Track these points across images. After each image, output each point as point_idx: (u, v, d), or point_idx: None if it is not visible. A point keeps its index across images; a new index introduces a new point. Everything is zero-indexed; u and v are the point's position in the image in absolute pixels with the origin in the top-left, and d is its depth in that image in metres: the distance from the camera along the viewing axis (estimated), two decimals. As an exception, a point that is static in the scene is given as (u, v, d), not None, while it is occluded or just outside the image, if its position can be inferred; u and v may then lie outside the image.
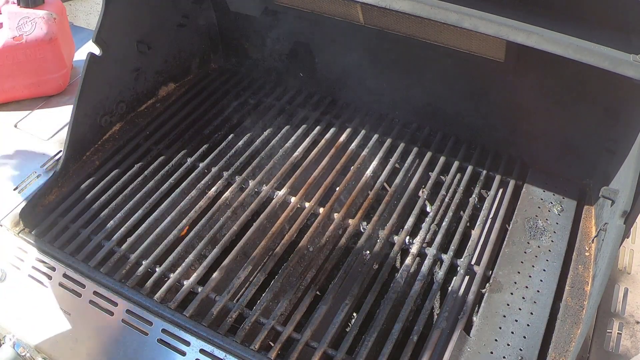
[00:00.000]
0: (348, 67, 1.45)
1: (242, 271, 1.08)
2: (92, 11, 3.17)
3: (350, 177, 1.27)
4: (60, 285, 1.04)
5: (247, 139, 1.37)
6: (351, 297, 1.04)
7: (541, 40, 0.89)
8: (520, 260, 1.10)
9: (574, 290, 1.05)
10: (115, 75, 1.34)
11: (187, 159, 1.31)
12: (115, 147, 1.33)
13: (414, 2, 0.95)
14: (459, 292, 1.07)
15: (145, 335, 0.97)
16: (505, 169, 1.30)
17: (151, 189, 1.23)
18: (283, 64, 1.55)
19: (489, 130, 1.35)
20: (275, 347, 0.96)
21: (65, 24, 1.57)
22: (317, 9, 1.28)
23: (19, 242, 1.11)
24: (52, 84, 1.52)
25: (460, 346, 0.96)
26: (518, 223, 1.17)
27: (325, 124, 1.42)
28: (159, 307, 0.99)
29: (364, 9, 1.19)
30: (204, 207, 1.20)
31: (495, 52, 1.14)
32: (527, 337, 0.97)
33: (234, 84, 1.56)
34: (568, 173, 1.28)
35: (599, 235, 1.08)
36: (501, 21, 0.91)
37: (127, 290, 1.02)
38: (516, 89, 1.25)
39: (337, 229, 1.18)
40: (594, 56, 0.87)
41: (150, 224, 1.16)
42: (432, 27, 1.15)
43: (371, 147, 1.35)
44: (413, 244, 1.14)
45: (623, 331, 0.99)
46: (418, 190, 1.31)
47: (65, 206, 1.19)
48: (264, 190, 1.24)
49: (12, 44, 1.42)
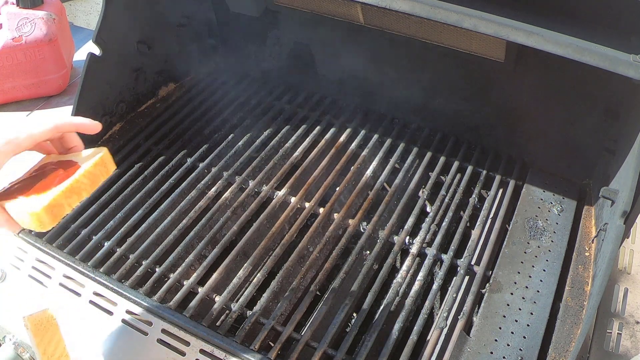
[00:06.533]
0: (348, 67, 1.45)
1: (242, 271, 1.08)
2: (92, 11, 3.18)
3: (350, 177, 1.28)
4: (60, 285, 1.04)
5: (247, 139, 1.37)
6: (351, 297, 1.04)
7: (541, 40, 0.89)
8: (520, 260, 1.10)
9: (574, 290, 1.05)
10: (115, 75, 1.34)
11: (187, 159, 1.31)
12: (115, 147, 1.33)
13: (414, 2, 0.95)
14: (459, 292, 1.07)
15: (145, 335, 0.97)
16: (505, 169, 1.30)
17: (151, 189, 1.23)
18: (283, 64, 1.55)
19: (489, 130, 1.35)
20: (275, 347, 0.96)
21: (65, 24, 1.57)
22: (317, 9, 1.28)
23: (19, 242, 1.11)
24: (52, 85, 1.53)
25: (460, 346, 0.96)
26: (518, 223, 1.17)
27: (325, 124, 1.42)
28: (158, 307, 0.99)
29: (364, 9, 1.20)
30: (203, 207, 1.20)
31: (495, 52, 1.14)
32: (527, 337, 0.97)
33: (234, 84, 1.56)
34: (568, 173, 1.28)
35: (599, 235, 1.08)
36: (501, 21, 0.91)
37: (127, 290, 1.02)
38: (516, 89, 1.25)
39: (337, 229, 1.18)
40: (594, 56, 0.87)
41: (150, 224, 1.16)
42: (432, 27, 1.15)
43: (371, 147, 1.35)
44: (413, 244, 1.14)
45: (623, 331, 0.99)
46: (418, 190, 1.31)
47: (65, 206, 1.19)
48: (264, 191, 1.24)
49: (11, 44, 1.42)
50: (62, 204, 0.69)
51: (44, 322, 0.82)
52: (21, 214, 0.68)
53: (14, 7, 1.45)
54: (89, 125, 0.77)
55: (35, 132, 0.71)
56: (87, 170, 0.72)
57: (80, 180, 0.71)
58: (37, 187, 0.70)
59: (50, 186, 0.70)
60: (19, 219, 0.69)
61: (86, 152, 0.77)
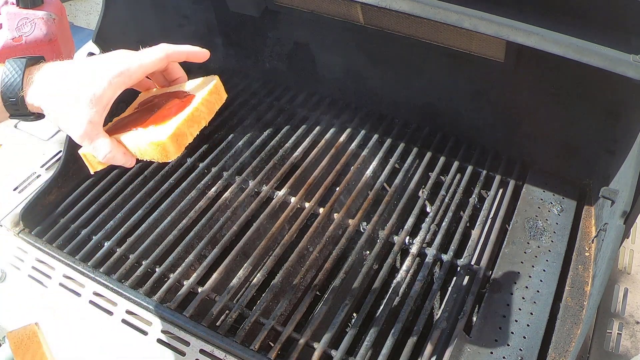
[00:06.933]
0: (348, 67, 1.45)
1: (242, 271, 1.08)
2: (92, 11, 3.17)
3: (350, 177, 1.27)
4: (60, 285, 1.04)
5: (247, 139, 1.37)
6: (351, 297, 1.04)
7: (541, 40, 0.89)
8: (520, 260, 1.10)
9: (574, 290, 1.05)
10: (115, 76, 1.34)
11: (187, 159, 1.31)
12: (115, 147, 1.33)
13: (414, 2, 0.95)
14: (459, 292, 1.07)
15: (145, 335, 0.97)
16: (505, 169, 1.30)
17: (151, 189, 1.23)
18: (283, 64, 1.55)
19: (489, 130, 1.35)
20: (275, 347, 0.96)
21: (65, 24, 1.57)
22: (317, 9, 1.28)
23: (19, 242, 1.11)
24: (52, 84, 1.52)
25: (460, 346, 0.96)
26: (518, 223, 1.17)
27: (325, 124, 1.42)
28: (158, 307, 0.99)
29: (364, 9, 1.19)
30: (203, 207, 1.20)
31: (495, 52, 1.14)
32: (527, 337, 0.97)
33: (234, 84, 1.56)
34: (568, 173, 1.28)
35: (599, 236, 1.08)
36: (501, 21, 0.91)
37: (127, 290, 1.02)
38: (516, 89, 1.25)
39: (337, 229, 1.18)
40: (594, 56, 0.87)
41: (150, 224, 1.16)
42: (432, 27, 1.15)
43: (371, 147, 1.35)
44: (413, 244, 1.14)
45: (623, 331, 0.99)
46: (418, 190, 1.31)
47: (65, 206, 1.19)
48: (264, 191, 1.24)
49: (11, 44, 1.42)
50: (185, 133, 0.67)
51: (25, 339, 0.81)
52: (142, 146, 0.66)
53: (14, 7, 1.45)
54: (199, 52, 0.75)
55: (147, 62, 0.69)
56: (204, 98, 0.70)
57: (199, 108, 0.69)
58: (155, 118, 0.69)
59: (170, 116, 0.68)
60: (140, 151, 0.67)
61: (193, 82, 0.75)
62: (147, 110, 0.71)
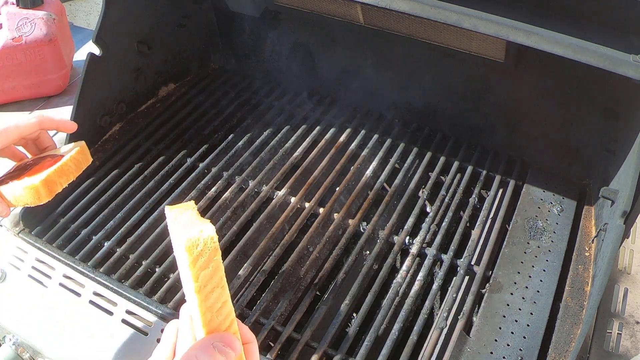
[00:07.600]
0: (348, 67, 1.45)
1: (242, 271, 1.08)
2: (92, 11, 3.18)
3: (350, 177, 1.28)
4: (60, 285, 1.04)
5: (247, 139, 1.37)
6: (351, 297, 1.04)
7: (541, 40, 0.89)
8: (520, 260, 1.10)
9: (574, 290, 1.05)
10: (115, 75, 1.34)
11: (187, 159, 1.31)
12: (115, 148, 1.33)
13: (414, 2, 0.95)
14: (459, 292, 1.07)
15: (145, 335, 0.97)
16: (505, 169, 1.30)
17: (151, 189, 1.23)
18: (283, 64, 1.55)
19: (489, 130, 1.35)
20: (275, 347, 0.96)
21: (65, 25, 1.57)
22: (317, 9, 1.28)
23: (19, 242, 1.11)
24: (52, 85, 1.52)
25: (460, 346, 0.96)
26: (518, 223, 1.17)
27: (325, 124, 1.42)
28: (158, 307, 0.99)
29: (364, 9, 1.20)
30: (203, 207, 1.20)
31: (495, 52, 1.14)
32: (527, 337, 0.97)
33: (234, 84, 1.56)
34: (568, 173, 1.28)
35: (599, 235, 1.08)
36: (501, 21, 0.91)
37: (127, 290, 1.02)
38: (516, 89, 1.25)
39: (337, 229, 1.18)
40: (594, 56, 0.87)
41: (150, 224, 1.16)
42: (432, 27, 1.15)
43: (371, 147, 1.35)
44: (413, 244, 1.14)
45: (623, 331, 0.99)
46: (418, 190, 1.31)
47: (65, 206, 1.19)
48: (264, 191, 1.24)
49: (11, 45, 1.42)
50: (55, 181, 0.78)
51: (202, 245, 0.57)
52: (18, 192, 0.76)
53: (14, 7, 1.45)
54: (68, 123, 0.87)
55: (22, 124, 0.79)
56: (72, 157, 0.82)
57: (68, 163, 0.80)
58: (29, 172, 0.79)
59: (42, 169, 0.79)
60: (15, 198, 0.77)
61: (63, 147, 0.87)
62: (23, 169, 0.82)
